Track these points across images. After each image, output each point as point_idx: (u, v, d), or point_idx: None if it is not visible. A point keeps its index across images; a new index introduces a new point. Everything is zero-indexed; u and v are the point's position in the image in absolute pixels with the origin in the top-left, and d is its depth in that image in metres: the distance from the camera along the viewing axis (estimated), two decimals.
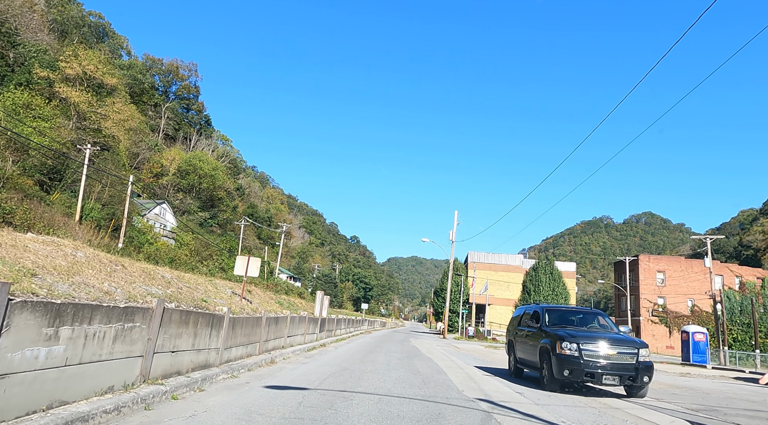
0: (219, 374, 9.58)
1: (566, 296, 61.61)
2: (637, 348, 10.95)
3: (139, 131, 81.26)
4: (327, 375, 11.54)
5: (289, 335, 16.48)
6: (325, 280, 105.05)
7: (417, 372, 13.71)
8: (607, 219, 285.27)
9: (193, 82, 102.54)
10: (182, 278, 13.56)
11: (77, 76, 60.99)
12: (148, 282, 10.21)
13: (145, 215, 66.54)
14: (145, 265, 12.92)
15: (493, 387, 11.62)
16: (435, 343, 34.44)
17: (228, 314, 10.36)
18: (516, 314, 15.56)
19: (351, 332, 36.69)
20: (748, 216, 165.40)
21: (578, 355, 10.80)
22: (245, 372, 10.83)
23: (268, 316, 13.88)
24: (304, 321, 18.43)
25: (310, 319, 19.63)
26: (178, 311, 8.09)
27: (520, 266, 65.48)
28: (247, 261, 15.33)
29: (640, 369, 10.73)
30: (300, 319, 17.84)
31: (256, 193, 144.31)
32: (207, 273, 55.22)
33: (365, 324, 50.14)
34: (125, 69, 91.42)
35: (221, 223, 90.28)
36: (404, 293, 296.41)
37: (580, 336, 11.18)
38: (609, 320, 12.89)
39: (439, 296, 61.61)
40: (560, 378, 10.96)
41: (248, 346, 12.23)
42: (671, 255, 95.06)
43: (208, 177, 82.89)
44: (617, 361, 10.78)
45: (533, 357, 12.58)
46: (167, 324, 7.68)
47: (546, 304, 13.07)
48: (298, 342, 17.69)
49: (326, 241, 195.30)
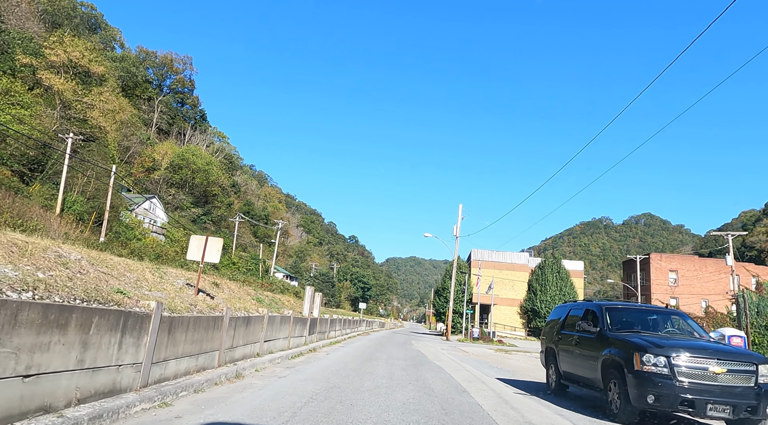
0: (135, 403, 6.14)
1: (574, 297, 58.24)
2: (755, 364, 7.51)
3: (130, 124, 77.90)
4: (307, 399, 8.12)
5: (268, 339, 13.06)
6: (322, 279, 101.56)
7: (430, 390, 10.28)
8: (606, 220, 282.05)
9: (188, 75, 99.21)
10: (107, 262, 10.04)
11: (62, 63, 57.56)
12: (17, 260, 6.70)
13: (133, 210, 63.09)
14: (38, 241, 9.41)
15: (541, 416, 8.21)
16: (439, 346, 31.04)
17: (158, 312, 6.91)
18: (556, 315, 11.96)
19: (347, 333, 33.25)
20: (752, 217, 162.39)
21: (669, 373, 7.37)
22: (187, 396, 7.39)
23: (233, 315, 10.43)
24: (288, 322, 14.97)
25: (296, 319, 16.18)
26: (33, 305, 4.65)
27: (526, 265, 62.12)
28: (204, 243, 11.83)
29: (763, 394, 7.31)
30: (282, 319, 14.39)
31: (254, 191, 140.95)
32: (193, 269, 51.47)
33: (363, 324, 46.70)
34: (117, 61, 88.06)
35: (215, 220, 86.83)
36: (403, 293, 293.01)
37: (670, 344, 7.73)
38: (693, 322, 9.38)
39: (440, 295, 58.19)
40: (641, 405, 7.52)
41: (200, 357, 8.77)
42: (684, 254, 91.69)
43: (202, 172, 79.47)
44: (728, 383, 7.33)
45: (590, 372, 9.14)
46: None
47: (603, 301, 9.37)
48: (280, 347, 14.25)
49: (324, 240, 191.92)
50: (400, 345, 29.21)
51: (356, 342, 28.30)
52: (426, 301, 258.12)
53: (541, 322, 57.16)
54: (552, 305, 56.55)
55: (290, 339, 15.27)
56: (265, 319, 12.53)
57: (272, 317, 13.24)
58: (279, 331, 14.04)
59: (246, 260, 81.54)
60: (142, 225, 63.21)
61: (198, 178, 78.94)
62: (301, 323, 17.02)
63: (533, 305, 58.09)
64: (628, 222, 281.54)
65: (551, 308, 57.30)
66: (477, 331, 44.96)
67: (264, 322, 12.39)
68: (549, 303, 56.63)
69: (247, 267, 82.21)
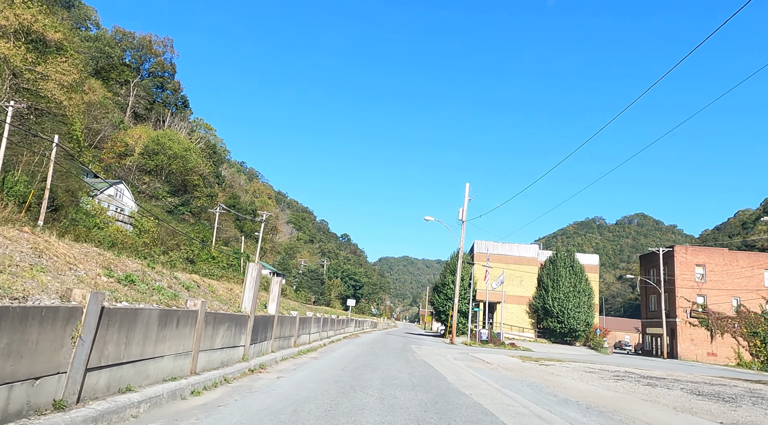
0: None
1: (590, 294, 51.04)
2: None
3: (100, 105, 69.98)
4: None
5: (143, 357, 5.47)
6: (311, 276, 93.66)
7: None
8: (599, 220, 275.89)
9: (169, 58, 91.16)
10: None
11: (14, 29, 49.62)
12: None
13: (96, 196, 55.18)
14: None
15: None
16: (449, 354, 23.58)
17: None
18: None
19: (329, 337, 25.71)
20: (751, 215, 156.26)
21: None
22: None
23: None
24: (190, 324, 7.37)
25: (220, 319, 8.58)
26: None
27: (535, 259, 54.73)
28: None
29: None
30: (168, 318, 6.77)
31: (241, 186, 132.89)
32: (168, 263, 44.06)
33: (352, 324, 39.07)
34: (92, 41, 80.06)
35: (195, 211, 78.87)
36: (395, 293, 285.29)
37: None
38: None
39: (440, 292, 50.71)
40: None
41: None
42: (713, 246, 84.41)
43: (179, 159, 71.52)
44: None
45: None
46: None
47: None
48: (169, 372, 6.66)
49: (316, 238, 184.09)
50: (398, 353, 21.73)
51: (339, 348, 20.83)
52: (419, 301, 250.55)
53: (553, 322, 49.84)
54: (566, 304, 49.33)
55: (195, 355, 7.66)
56: (87, 317, 4.96)
57: (134, 311, 5.66)
58: (161, 343, 6.46)
59: (227, 255, 73.76)
60: (105, 213, 55.10)
61: (174, 165, 71.06)
62: (232, 325, 9.45)
63: (544, 303, 50.68)
64: (621, 222, 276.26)
65: (565, 307, 50.04)
66: (486, 333, 37.50)
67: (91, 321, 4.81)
68: (562, 301, 49.29)
69: (228, 262, 74.49)
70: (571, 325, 48.83)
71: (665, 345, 49.36)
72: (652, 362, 40.01)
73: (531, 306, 52.88)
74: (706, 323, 49.45)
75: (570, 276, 50.64)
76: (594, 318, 50.90)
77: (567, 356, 35.88)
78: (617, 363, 29.71)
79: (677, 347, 49.67)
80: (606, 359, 36.75)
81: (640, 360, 42.88)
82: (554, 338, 50.58)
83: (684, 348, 49.40)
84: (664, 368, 28.36)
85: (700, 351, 49.21)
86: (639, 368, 25.16)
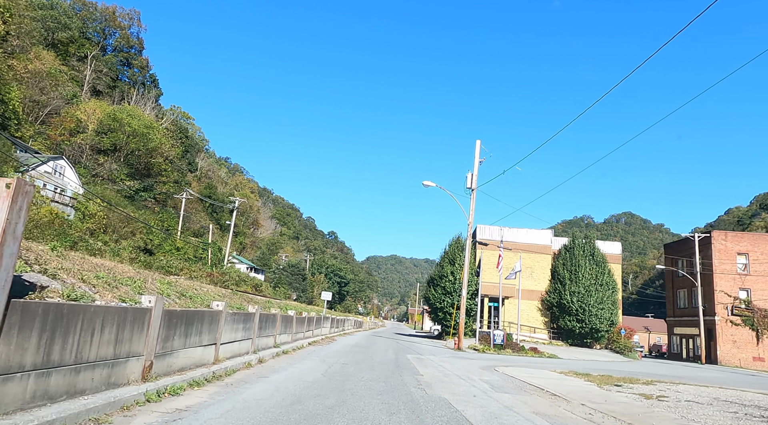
0: None
1: (613, 288, 42.17)
2: None
3: (47, 76, 59.86)
4: None
5: None
6: (291, 271, 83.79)
7: None
8: (587, 219, 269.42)
9: (136, 33, 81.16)
10: None
11: None
12: None
13: (26, 172, 45.28)
14: None
15: None
16: (474, 373, 14.40)
17: None
18: None
19: (286, 344, 16.33)
20: (747, 212, 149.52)
21: None
22: None
23: None
24: None
25: None
26: None
27: (548, 246, 45.76)
28: None
29: None
30: None
31: (222, 178, 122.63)
32: (110, 252, 35.35)
33: (326, 324, 29.58)
34: (46, 9, 69.83)
35: (160, 198, 68.93)
36: (383, 292, 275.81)
37: None
38: None
39: (436, 285, 41.60)
40: None
41: None
42: (756, 232, 75.92)
43: (139, 137, 61.66)
44: None
45: None
46: None
47: None
48: None
49: (301, 235, 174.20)
50: (389, 369, 12.58)
51: (296, 365, 11.65)
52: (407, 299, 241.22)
53: (572, 321, 40.90)
54: (587, 299, 40.42)
55: None
56: None
57: None
58: None
59: (195, 247, 63.97)
60: (38, 192, 44.97)
61: (133, 143, 61.15)
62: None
63: (560, 299, 41.70)
64: (609, 221, 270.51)
65: (585, 303, 41.20)
66: (500, 335, 28.38)
67: None
68: (582, 296, 40.38)
69: (196, 254, 64.70)
70: (593, 324, 39.93)
71: (702, 347, 40.71)
72: (699, 370, 31.18)
73: (544, 302, 43.86)
74: (751, 321, 40.88)
75: (591, 267, 41.73)
76: (618, 316, 42.09)
77: (601, 363, 26.91)
78: (684, 377, 20.80)
79: (716, 350, 41.07)
80: (652, 368, 27.89)
81: (681, 366, 34.12)
82: (571, 339, 41.64)
83: (725, 351, 40.81)
84: (750, 383, 19.58)
85: (744, 356, 40.61)
86: (730, 385, 16.36)
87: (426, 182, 26.12)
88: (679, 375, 21.81)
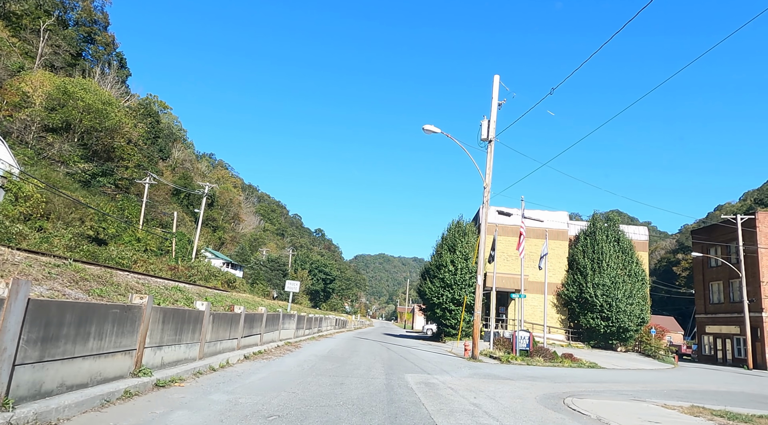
0: None
1: (643, 280, 35.06)
2: None
3: None
4: None
5: None
6: (270, 266, 75.77)
7: None
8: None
9: (100, 6, 72.70)
10: None
11: None
12: None
13: None
14: None
15: None
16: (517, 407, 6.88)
17: None
18: None
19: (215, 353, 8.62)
20: (741, 207, 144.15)
21: None
22: None
23: None
24: None
25: None
26: None
27: (564, 231, 38.53)
28: None
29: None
30: None
31: (201, 171, 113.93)
32: (38, 239, 27.74)
33: (290, 324, 21.77)
34: None
35: (122, 184, 60.66)
36: (371, 291, 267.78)
37: None
38: None
39: (433, 277, 34.18)
40: None
41: None
42: None
43: (95, 113, 53.47)
44: None
45: None
46: None
47: None
48: None
49: (287, 232, 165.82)
50: None
51: None
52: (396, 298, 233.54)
53: (596, 319, 33.63)
54: (613, 293, 33.20)
55: None
56: None
57: None
58: None
59: (160, 239, 55.89)
60: None
61: (87, 120, 52.89)
62: None
63: (581, 293, 34.45)
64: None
65: (612, 297, 33.99)
66: (526, 338, 20.97)
67: None
68: (608, 289, 33.17)
69: (162, 247, 56.57)
70: (621, 323, 32.71)
71: (749, 350, 33.72)
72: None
73: (560, 297, 36.56)
74: None
75: (617, 254, 34.55)
76: (648, 313, 34.92)
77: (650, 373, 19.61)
78: None
79: (764, 352, 34.13)
80: (725, 378, 20.71)
81: (745, 375, 27.08)
82: (594, 340, 34.38)
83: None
84: None
85: None
86: None
87: (427, 127, 18.65)
88: None
